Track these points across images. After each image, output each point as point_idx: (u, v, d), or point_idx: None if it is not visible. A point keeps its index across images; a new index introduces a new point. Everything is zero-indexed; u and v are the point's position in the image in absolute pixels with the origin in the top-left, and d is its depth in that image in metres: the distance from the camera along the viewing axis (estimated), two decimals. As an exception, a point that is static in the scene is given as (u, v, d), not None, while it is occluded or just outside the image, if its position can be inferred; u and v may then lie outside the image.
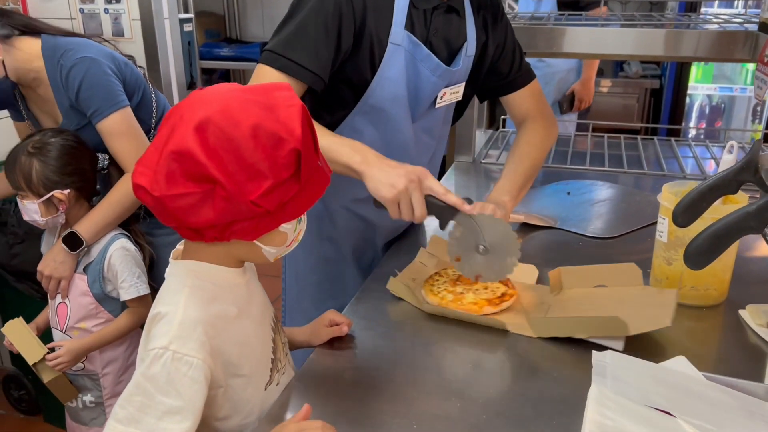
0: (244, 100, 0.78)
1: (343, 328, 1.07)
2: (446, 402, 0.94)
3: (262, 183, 0.76)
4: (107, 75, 1.57)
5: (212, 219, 0.77)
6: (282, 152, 0.77)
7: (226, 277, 0.88)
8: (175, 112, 0.79)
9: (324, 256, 1.43)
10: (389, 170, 1.11)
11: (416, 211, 1.11)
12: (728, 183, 0.99)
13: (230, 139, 0.75)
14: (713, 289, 1.18)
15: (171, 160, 0.75)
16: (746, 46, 1.80)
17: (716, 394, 0.89)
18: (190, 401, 0.79)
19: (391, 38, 1.23)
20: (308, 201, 0.83)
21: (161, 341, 0.79)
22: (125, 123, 1.58)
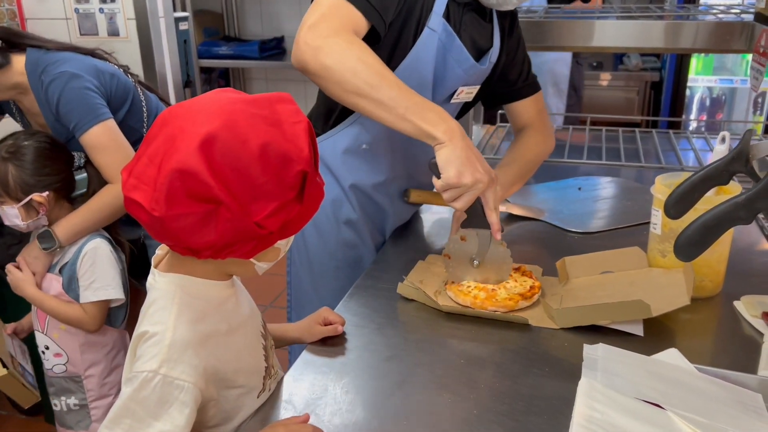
0: (250, 115, 0.74)
1: (338, 328, 1.07)
2: (437, 397, 0.94)
3: (268, 204, 0.74)
4: (86, 89, 1.56)
5: (213, 240, 0.74)
6: (290, 173, 0.74)
7: (215, 293, 0.86)
8: (170, 122, 0.75)
9: (343, 240, 1.41)
10: (469, 157, 1.10)
11: (459, 203, 1.12)
12: (720, 173, 0.98)
13: (238, 158, 0.71)
14: (708, 280, 1.17)
15: (173, 179, 0.70)
16: (742, 36, 1.80)
17: (708, 386, 0.88)
18: (178, 426, 0.77)
19: (430, 23, 1.24)
20: (306, 218, 0.81)
21: (151, 364, 0.77)
22: (107, 136, 1.57)
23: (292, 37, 4.66)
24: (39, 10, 2.44)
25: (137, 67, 2.41)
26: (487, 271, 1.21)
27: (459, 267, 1.22)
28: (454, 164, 1.09)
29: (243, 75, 4.93)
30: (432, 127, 1.10)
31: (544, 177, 1.92)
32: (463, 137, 1.12)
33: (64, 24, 2.43)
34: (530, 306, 1.15)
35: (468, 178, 1.09)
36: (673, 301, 1.06)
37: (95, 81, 1.59)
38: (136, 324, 0.84)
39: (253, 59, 4.32)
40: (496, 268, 1.21)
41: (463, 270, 1.22)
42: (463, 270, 1.22)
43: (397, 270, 1.29)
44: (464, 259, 1.21)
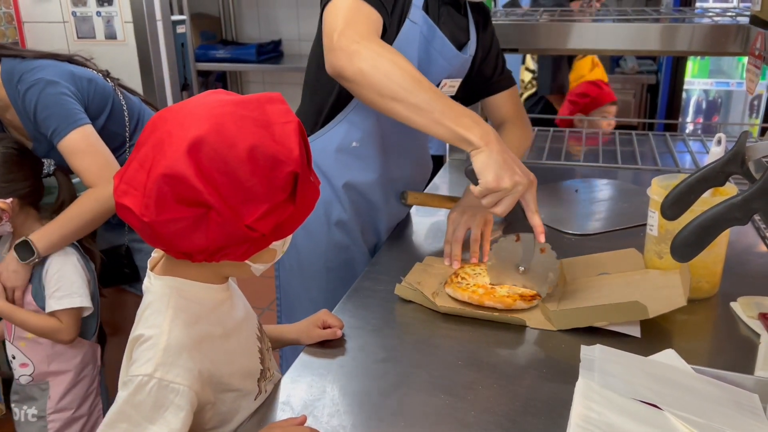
0: (239, 117, 0.73)
1: (337, 332, 1.06)
2: (434, 398, 0.94)
3: (258, 207, 0.73)
4: (63, 95, 1.55)
5: (204, 244, 0.74)
6: (280, 175, 0.74)
7: (210, 296, 0.85)
8: (159, 126, 0.74)
9: (334, 241, 1.41)
10: (506, 160, 1.10)
11: (499, 208, 1.12)
12: (716, 175, 0.98)
13: (226, 161, 0.71)
14: (705, 281, 1.18)
15: (162, 184, 0.71)
16: (738, 39, 1.81)
17: (704, 387, 0.88)
18: (175, 429, 0.77)
19: (411, 15, 1.26)
20: (301, 219, 0.81)
21: (146, 368, 0.77)
22: (85, 141, 1.56)
23: (289, 40, 4.71)
24: (36, 14, 2.44)
25: (134, 71, 2.42)
26: (532, 278, 1.18)
27: (503, 271, 1.20)
28: (492, 168, 1.09)
29: (240, 78, 4.93)
30: (467, 131, 1.10)
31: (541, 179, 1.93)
32: (498, 141, 1.12)
33: (61, 27, 2.44)
34: (528, 309, 1.15)
35: (507, 182, 1.09)
36: (670, 302, 1.06)
37: (72, 87, 1.59)
38: (132, 327, 0.84)
39: (251, 62, 4.32)
40: (541, 276, 1.17)
41: (507, 275, 1.20)
42: (507, 275, 1.20)
43: (394, 272, 1.29)
44: (509, 263, 1.19)
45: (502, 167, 1.09)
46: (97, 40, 2.43)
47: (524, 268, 1.18)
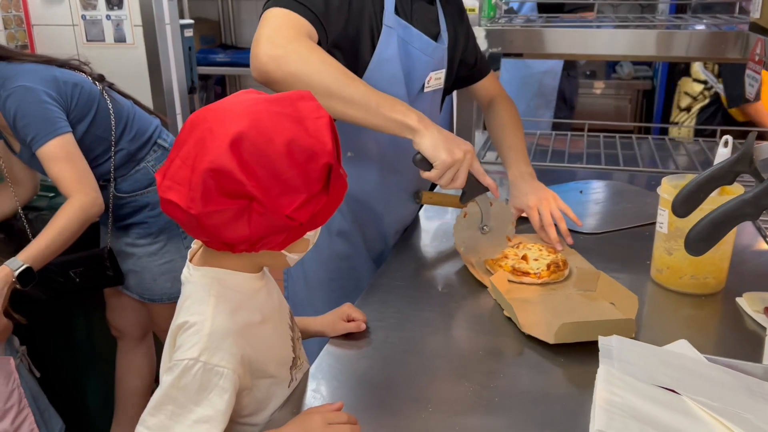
0: (274, 113, 0.78)
1: (361, 325, 1.11)
2: (458, 386, 0.98)
3: (297, 197, 0.77)
4: (43, 103, 1.57)
5: (247, 234, 0.78)
6: (315, 166, 0.78)
7: (248, 285, 0.89)
8: (199, 124, 0.78)
9: (336, 252, 1.44)
10: (447, 136, 1.17)
11: (458, 181, 1.20)
12: (725, 174, 1.03)
13: (265, 155, 0.75)
14: (712, 277, 1.22)
15: (207, 178, 0.74)
16: (737, 45, 1.86)
17: (717, 374, 0.93)
18: (219, 410, 0.81)
19: (385, 20, 1.28)
20: (333, 209, 0.85)
21: (191, 352, 0.80)
22: (63, 149, 1.58)
23: (289, 44, 4.72)
24: (46, 17, 2.47)
25: (143, 73, 2.45)
26: (496, 232, 1.33)
27: (472, 244, 1.33)
28: (441, 146, 1.16)
29: (239, 82, 4.96)
30: (404, 117, 1.15)
31: (545, 181, 1.98)
32: (431, 121, 1.19)
33: (70, 30, 2.46)
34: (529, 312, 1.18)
35: (458, 153, 1.17)
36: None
37: (53, 93, 1.60)
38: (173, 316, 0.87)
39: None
40: (502, 223, 1.34)
41: (476, 244, 1.33)
42: (476, 243, 1.33)
43: (409, 269, 1.34)
44: (474, 232, 1.32)
45: (449, 142, 1.17)
46: (106, 43, 2.46)
47: (487, 227, 1.33)
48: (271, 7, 1.15)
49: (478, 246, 1.35)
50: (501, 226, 1.37)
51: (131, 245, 1.86)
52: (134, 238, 1.85)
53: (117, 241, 1.87)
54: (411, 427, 0.89)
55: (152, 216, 1.84)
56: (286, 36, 1.12)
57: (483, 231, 1.32)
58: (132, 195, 1.82)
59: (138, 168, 1.81)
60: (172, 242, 1.87)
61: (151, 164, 1.83)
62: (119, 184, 1.81)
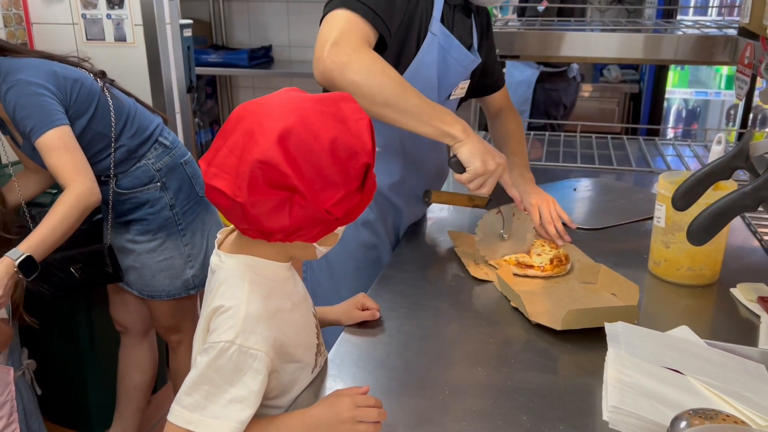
0: (320, 112, 0.82)
1: (375, 313, 1.15)
2: (472, 370, 1.02)
3: (336, 193, 0.81)
4: (41, 95, 1.60)
5: (287, 224, 0.81)
6: (356, 165, 0.82)
7: (279, 273, 0.93)
8: (247, 117, 0.82)
9: (362, 241, 1.49)
10: (486, 147, 1.27)
11: (485, 188, 1.28)
12: (723, 169, 1.09)
13: (311, 150, 0.79)
14: (707, 269, 1.28)
15: (255, 168, 0.78)
16: (726, 49, 1.93)
17: (717, 357, 0.98)
18: (252, 391, 0.84)
19: (431, 28, 1.35)
20: (364, 206, 0.89)
21: (228, 335, 0.83)
22: (61, 140, 1.60)
23: (280, 46, 4.77)
24: (46, 15, 2.47)
25: (143, 73, 2.46)
26: (514, 243, 1.40)
27: (489, 244, 1.39)
28: (477, 156, 1.24)
29: (230, 83, 4.99)
30: (451, 128, 1.25)
31: (541, 179, 2.03)
32: (475, 133, 1.27)
33: (70, 29, 2.47)
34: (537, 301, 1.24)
35: (491, 165, 1.25)
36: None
37: (52, 87, 1.63)
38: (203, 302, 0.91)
39: (243, 67, 4.39)
40: (521, 237, 1.41)
41: (493, 246, 1.40)
42: (494, 245, 1.40)
43: (418, 260, 1.39)
44: (494, 236, 1.39)
45: (485, 154, 1.25)
46: (106, 42, 2.47)
47: (507, 235, 1.40)
48: (335, 8, 1.22)
49: (495, 247, 1.41)
50: (520, 235, 1.43)
51: (131, 242, 1.88)
52: (134, 234, 1.88)
53: (118, 237, 1.89)
54: (430, 408, 0.94)
55: (152, 213, 1.86)
56: (351, 44, 1.19)
57: (502, 238, 1.40)
58: (132, 191, 1.85)
59: (139, 165, 1.84)
60: (170, 239, 1.90)
61: (152, 161, 1.85)
62: (120, 180, 1.83)
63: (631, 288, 1.22)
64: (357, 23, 1.21)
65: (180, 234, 1.91)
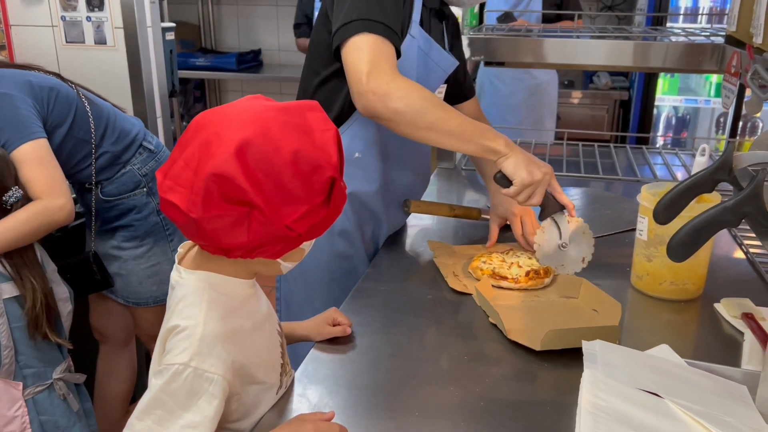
0: (283, 123, 0.77)
1: (347, 329, 1.11)
2: (444, 390, 0.98)
3: (298, 208, 0.77)
4: (17, 108, 1.55)
5: (245, 241, 0.77)
6: (319, 179, 0.78)
7: (240, 291, 0.89)
8: (205, 127, 0.77)
9: (337, 251, 1.45)
10: (529, 158, 1.25)
11: (534, 198, 1.26)
12: (705, 182, 1.05)
13: (271, 164, 0.75)
14: (691, 283, 1.25)
15: (210, 182, 0.74)
16: (713, 57, 1.90)
17: (698, 378, 0.95)
18: (207, 417, 0.80)
19: (411, 30, 1.33)
20: (331, 221, 0.85)
21: (182, 357, 0.79)
22: (36, 153, 1.56)
23: (269, 50, 4.74)
24: (25, 17, 2.43)
25: (123, 76, 2.42)
26: (577, 250, 1.32)
27: (553, 258, 1.32)
28: (523, 168, 1.23)
29: (219, 87, 4.94)
30: (494, 143, 1.24)
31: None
32: (516, 146, 1.26)
33: (49, 31, 2.43)
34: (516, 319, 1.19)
35: (538, 174, 1.24)
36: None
37: (29, 99, 1.58)
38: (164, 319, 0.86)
39: (231, 71, 4.35)
40: (579, 242, 1.32)
41: (558, 258, 1.32)
42: (558, 258, 1.32)
43: (395, 274, 1.35)
44: (554, 248, 1.32)
45: (530, 164, 1.24)
46: (86, 45, 2.42)
47: (566, 243, 1.32)
48: (355, 34, 1.21)
49: (559, 258, 1.33)
50: (579, 240, 1.33)
51: (117, 248, 1.84)
52: (120, 241, 1.83)
53: (103, 244, 1.85)
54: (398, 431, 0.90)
55: (138, 219, 1.83)
56: (384, 72, 1.20)
57: (562, 248, 1.32)
58: (118, 198, 1.81)
59: (124, 171, 1.80)
60: (158, 245, 1.86)
61: (137, 167, 1.82)
62: (105, 186, 1.79)
63: (613, 305, 1.18)
64: (381, 46, 1.21)
65: (168, 239, 1.88)
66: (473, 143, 1.24)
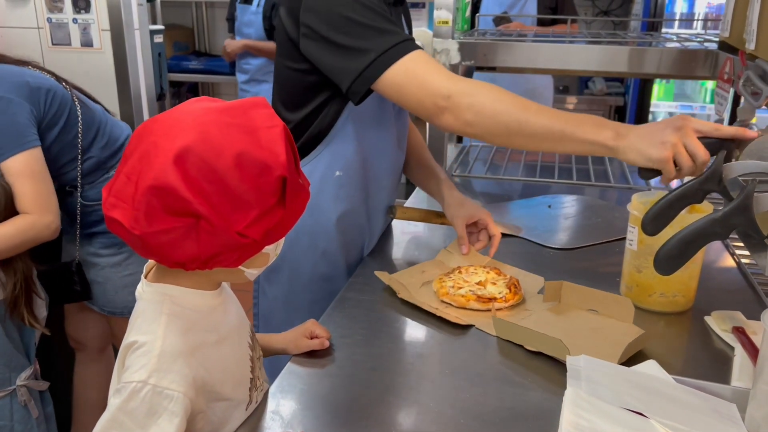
0: (224, 125, 0.73)
1: (325, 342, 1.07)
2: (424, 406, 0.95)
3: (248, 213, 0.73)
4: (14, 115, 1.51)
5: (196, 253, 0.74)
6: (269, 180, 0.74)
7: (203, 302, 0.85)
8: (145, 137, 0.74)
9: (320, 273, 1.39)
10: (650, 132, 1.06)
11: (698, 157, 1.03)
12: (694, 192, 1.02)
13: (213, 170, 0.71)
14: (681, 296, 1.21)
15: (150, 196, 0.71)
16: (707, 64, 1.87)
17: (686, 396, 0.91)
18: None
19: None
20: (292, 221, 0.81)
21: (140, 374, 0.76)
22: (28, 166, 1.52)
23: (263, 53, 4.68)
24: (10, 19, 2.40)
25: (110, 79, 2.40)
26: None
27: None
28: (650, 147, 1.04)
29: (212, 90, 4.91)
30: (596, 136, 1.08)
31: (516, 195, 1.97)
32: (626, 126, 1.09)
33: (35, 33, 2.40)
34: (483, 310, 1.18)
35: (671, 137, 1.03)
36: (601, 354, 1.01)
37: (26, 104, 1.54)
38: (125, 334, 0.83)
39: (224, 74, 4.32)
40: None
41: None
42: None
43: (378, 283, 1.30)
44: None
45: (653, 137, 1.04)
46: (72, 47, 2.40)
47: None
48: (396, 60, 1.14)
49: None
50: None
51: (95, 255, 1.80)
52: (98, 247, 1.80)
53: (81, 250, 1.81)
54: (373, 450, 0.86)
55: None
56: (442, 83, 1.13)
57: None
58: (99, 203, 1.77)
59: (107, 176, 1.77)
60: (136, 254, 1.80)
61: None
62: (86, 191, 1.75)
63: (619, 303, 1.16)
64: (424, 61, 1.15)
65: None
66: (571, 142, 1.08)
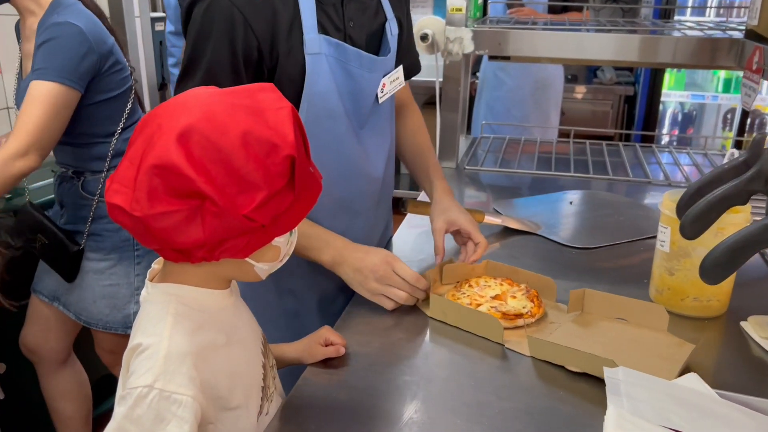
0: (229, 105, 0.71)
1: (340, 349, 1.01)
2: (449, 417, 0.89)
3: (256, 195, 0.70)
4: (78, 50, 1.51)
5: (201, 238, 0.70)
6: (276, 160, 0.70)
7: (212, 302, 0.80)
8: (150, 121, 0.72)
9: (286, 310, 1.30)
10: (358, 269, 1.13)
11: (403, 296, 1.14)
12: (738, 193, 0.95)
13: (218, 149, 0.68)
14: (716, 300, 1.15)
15: (152, 176, 0.68)
16: (731, 53, 1.80)
17: (730, 413, 0.85)
18: None
19: (307, 49, 1.09)
20: (303, 211, 0.77)
21: (145, 379, 0.71)
22: (53, 97, 1.48)
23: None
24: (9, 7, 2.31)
25: (110, 68, 2.32)
26: None
27: None
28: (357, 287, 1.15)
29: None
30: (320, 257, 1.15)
31: (532, 190, 1.91)
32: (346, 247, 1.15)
33: (33, 20, 2.32)
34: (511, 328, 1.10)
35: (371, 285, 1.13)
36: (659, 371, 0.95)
37: (96, 55, 1.55)
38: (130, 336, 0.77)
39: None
40: None
41: None
42: None
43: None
44: None
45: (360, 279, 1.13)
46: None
47: None
48: None
49: None
50: None
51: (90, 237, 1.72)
52: (85, 250, 1.72)
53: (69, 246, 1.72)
54: (398, 472, 0.80)
55: (109, 230, 1.70)
56: None
57: None
58: (93, 198, 1.70)
59: (110, 167, 1.71)
60: (122, 264, 1.73)
61: None
62: (87, 180, 1.70)
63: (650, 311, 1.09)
64: None
65: (134, 260, 1.74)
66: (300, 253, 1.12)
